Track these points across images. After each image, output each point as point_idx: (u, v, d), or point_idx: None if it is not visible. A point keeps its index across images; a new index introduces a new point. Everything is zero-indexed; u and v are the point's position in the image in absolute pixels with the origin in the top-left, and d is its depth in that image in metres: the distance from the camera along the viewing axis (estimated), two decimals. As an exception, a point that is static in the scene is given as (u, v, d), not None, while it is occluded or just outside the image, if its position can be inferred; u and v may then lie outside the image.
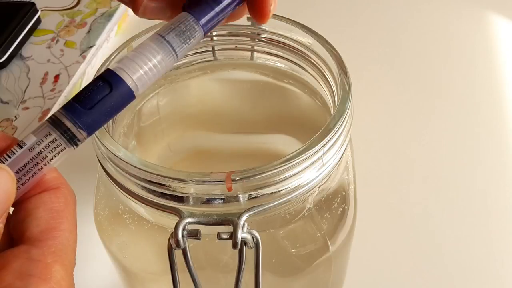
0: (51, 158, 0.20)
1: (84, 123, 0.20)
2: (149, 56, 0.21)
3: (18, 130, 0.46)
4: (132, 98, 0.21)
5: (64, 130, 0.20)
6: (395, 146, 0.46)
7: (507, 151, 0.46)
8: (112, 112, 0.21)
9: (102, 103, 0.20)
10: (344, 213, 0.28)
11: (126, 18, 0.59)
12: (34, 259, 0.19)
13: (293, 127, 0.34)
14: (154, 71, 0.21)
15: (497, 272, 0.38)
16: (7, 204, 0.19)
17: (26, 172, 0.20)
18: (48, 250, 0.19)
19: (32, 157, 0.20)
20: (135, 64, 0.21)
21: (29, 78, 0.50)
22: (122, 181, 0.24)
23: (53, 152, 0.20)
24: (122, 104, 0.21)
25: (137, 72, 0.21)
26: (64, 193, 0.21)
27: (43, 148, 0.20)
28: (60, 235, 0.20)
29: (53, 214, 0.20)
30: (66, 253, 0.20)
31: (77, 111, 0.20)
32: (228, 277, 0.26)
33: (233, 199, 0.23)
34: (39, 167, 0.20)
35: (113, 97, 0.20)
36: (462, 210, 0.42)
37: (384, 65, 0.53)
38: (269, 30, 0.31)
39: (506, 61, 0.53)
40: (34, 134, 0.20)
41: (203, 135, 0.35)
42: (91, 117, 0.20)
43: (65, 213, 0.21)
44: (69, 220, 0.21)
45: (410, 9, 0.60)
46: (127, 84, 0.21)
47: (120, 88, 0.21)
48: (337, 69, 0.27)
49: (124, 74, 0.21)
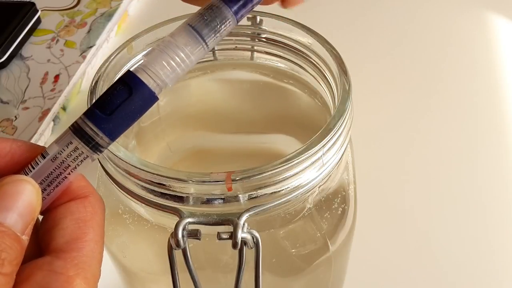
0: (75, 167, 0.20)
1: (105, 129, 0.19)
2: (176, 51, 0.20)
3: (18, 130, 0.46)
4: (155, 99, 0.20)
5: (85, 138, 0.20)
6: (395, 146, 0.46)
7: (507, 151, 0.46)
8: (134, 115, 0.20)
9: (123, 108, 0.19)
10: (344, 213, 0.28)
11: (126, 18, 0.59)
12: (56, 272, 0.19)
13: (293, 127, 0.34)
14: (182, 66, 0.20)
15: (497, 272, 0.38)
16: (32, 217, 0.19)
17: (50, 182, 0.20)
18: (71, 262, 0.19)
19: (55, 167, 0.20)
20: (159, 61, 0.20)
21: (29, 78, 0.50)
22: (122, 181, 0.24)
23: (76, 160, 0.20)
24: (144, 107, 0.20)
25: (161, 71, 0.20)
26: (91, 202, 0.21)
27: (65, 157, 0.20)
28: (85, 246, 0.20)
29: (79, 224, 0.20)
30: (90, 266, 0.20)
31: (97, 117, 0.19)
32: (228, 277, 0.26)
33: (233, 199, 0.23)
34: (63, 176, 0.20)
35: (133, 101, 0.19)
36: (463, 210, 0.42)
37: (384, 65, 0.53)
38: (269, 30, 0.31)
39: (506, 61, 0.53)
40: (57, 143, 0.20)
41: (203, 135, 0.35)
42: (112, 122, 0.19)
43: (91, 223, 0.20)
44: (95, 230, 0.20)
45: (410, 9, 0.60)
46: (147, 86, 0.20)
47: (140, 91, 0.20)
48: (337, 69, 0.27)
49: (145, 75, 0.20)
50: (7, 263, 0.18)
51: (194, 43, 0.20)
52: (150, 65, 0.20)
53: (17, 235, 0.18)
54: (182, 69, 0.20)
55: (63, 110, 0.49)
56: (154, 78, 0.20)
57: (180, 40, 0.20)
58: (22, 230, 0.19)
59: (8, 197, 0.19)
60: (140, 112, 0.20)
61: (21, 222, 0.19)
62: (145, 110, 0.20)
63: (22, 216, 0.19)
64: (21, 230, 0.19)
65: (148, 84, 0.20)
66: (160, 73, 0.20)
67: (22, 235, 0.19)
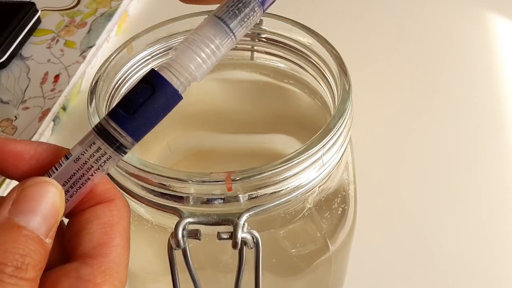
0: (98, 168, 0.20)
1: (128, 128, 0.19)
2: (203, 45, 0.19)
3: (18, 130, 0.46)
4: (179, 98, 0.20)
5: (109, 138, 0.19)
6: (395, 146, 0.46)
7: (507, 151, 0.46)
8: (157, 115, 0.19)
9: (146, 107, 0.19)
10: (344, 213, 0.28)
11: (126, 18, 0.59)
12: (83, 279, 0.18)
13: (293, 127, 0.34)
14: (212, 59, 0.20)
15: (497, 272, 0.38)
16: (55, 219, 0.19)
17: (73, 183, 0.20)
18: (98, 269, 0.19)
19: (77, 167, 0.19)
20: (185, 58, 0.19)
21: (29, 78, 0.50)
22: (122, 181, 0.24)
23: (98, 161, 0.19)
24: (168, 106, 0.19)
25: (186, 68, 0.19)
26: (118, 206, 0.20)
27: (88, 157, 0.19)
28: (112, 252, 0.19)
29: (106, 229, 0.20)
30: (117, 272, 0.19)
31: (120, 116, 0.19)
32: (228, 277, 0.26)
33: (233, 199, 0.23)
34: (86, 177, 0.20)
35: (156, 99, 0.19)
36: (463, 210, 0.42)
37: (384, 65, 0.53)
38: (269, 30, 0.31)
39: (506, 61, 0.53)
40: (80, 144, 0.20)
41: (203, 135, 0.35)
42: (135, 122, 0.19)
43: (118, 227, 0.20)
44: (122, 235, 0.20)
45: (410, 9, 0.60)
46: (171, 84, 0.19)
47: (164, 90, 0.19)
48: (337, 69, 0.27)
49: (168, 74, 0.19)
50: (31, 268, 0.17)
51: (222, 34, 0.20)
52: (174, 63, 0.19)
53: (40, 238, 0.18)
54: (212, 61, 0.20)
55: (63, 110, 0.49)
56: (178, 76, 0.19)
57: (208, 32, 0.20)
58: (46, 233, 0.18)
59: (31, 200, 0.18)
60: (163, 111, 0.19)
61: (44, 225, 0.18)
62: (170, 109, 0.20)
63: (45, 219, 0.18)
64: (44, 234, 0.18)
65: (171, 82, 0.19)
66: (184, 71, 0.19)
67: (46, 238, 0.18)
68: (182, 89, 0.20)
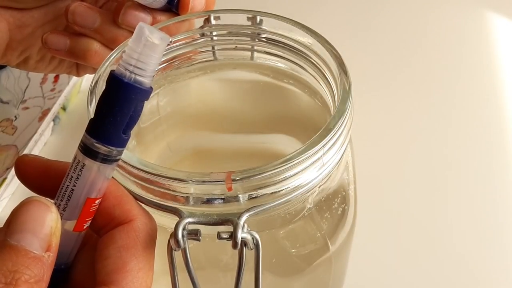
0: (77, 177, 0.20)
1: (93, 133, 0.20)
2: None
3: (18, 130, 0.46)
4: (133, 87, 0.19)
5: (81, 146, 0.20)
6: (395, 146, 0.46)
7: (507, 151, 0.46)
8: (118, 111, 0.19)
9: (104, 107, 0.20)
10: (344, 213, 0.28)
11: (126, 18, 0.59)
12: None
13: (293, 127, 0.34)
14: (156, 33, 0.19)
15: (497, 272, 0.38)
16: (46, 231, 0.19)
17: (62, 197, 0.20)
18: None
19: (64, 180, 0.20)
20: (131, 45, 0.19)
21: (29, 78, 0.50)
22: (122, 181, 0.24)
23: (76, 170, 0.20)
24: (126, 98, 0.19)
25: (132, 54, 0.19)
26: (134, 227, 0.21)
27: (70, 169, 0.20)
28: (126, 276, 0.19)
29: (121, 253, 0.20)
30: None
31: (89, 124, 0.20)
32: (228, 277, 0.26)
33: (233, 199, 0.23)
34: (70, 189, 0.20)
35: (110, 95, 0.19)
36: (463, 210, 0.42)
37: (384, 65, 0.53)
38: (269, 30, 0.31)
39: (506, 61, 0.53)
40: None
41: (203, 135, 0.35)
42: (97, 124, 0.20)
43: (133, 250, 0.20)
44: (138, 257, 0.20)
45: (410, 9, 0.60)
46: (117, 76, 0.19)
47: (114, 83, 0.19)
48: (337, 69, 0.27)
49: (118, 68, 0.20)
50: (22, 282, 0.17)
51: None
52: (123, 56, 0.19)
53: (33, 253, 0.18)
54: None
55: (63, 110, 0.49)
56: (127, 66, 0.19)
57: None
58: (42, 248, 0.18)
59: (18, 219, 0.19)
60: (123, 105, 0.19)
61: (36, 240, 0.18)
62: (131, 101, 0.19)
63: (35, 234, 0.19)
64: (39, 248, 0.18)
65: (119, 73, 0.19)
66: (129, 58, 0.19)
67: (44, 252, 0.18)
68: (137, 78, 0.19)
